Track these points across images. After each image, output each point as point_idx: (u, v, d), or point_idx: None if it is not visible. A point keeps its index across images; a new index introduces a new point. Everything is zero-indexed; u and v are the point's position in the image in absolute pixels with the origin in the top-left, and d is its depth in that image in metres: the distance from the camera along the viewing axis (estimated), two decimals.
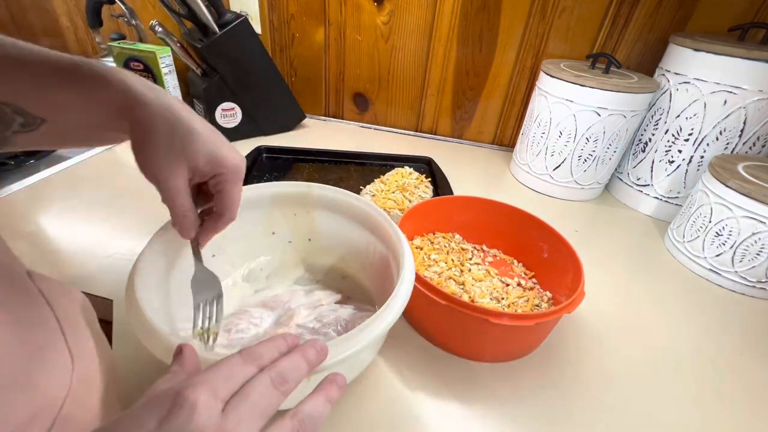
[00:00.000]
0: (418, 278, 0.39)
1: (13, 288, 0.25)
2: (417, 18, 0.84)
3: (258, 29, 0.92)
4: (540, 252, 0.52)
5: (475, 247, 0.57)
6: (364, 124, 1.01)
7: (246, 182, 0.54)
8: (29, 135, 0.29)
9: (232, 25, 0.74)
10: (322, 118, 1.02)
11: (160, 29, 0.73)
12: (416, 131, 0.99)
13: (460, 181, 0.73)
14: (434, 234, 0.58)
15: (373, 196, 0.66)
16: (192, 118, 0.29)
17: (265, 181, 0.68)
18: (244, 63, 0.80)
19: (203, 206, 0.34)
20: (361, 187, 0.69)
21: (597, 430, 0.37)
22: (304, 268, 0.49)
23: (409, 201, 0.65)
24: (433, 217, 0.56)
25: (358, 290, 0.47)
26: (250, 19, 0.77)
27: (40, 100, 0.28)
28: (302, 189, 0.46)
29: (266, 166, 0.76)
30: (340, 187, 0.46)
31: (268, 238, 0.48)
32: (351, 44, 0.90)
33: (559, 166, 0.74)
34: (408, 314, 0.46)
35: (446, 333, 0.42)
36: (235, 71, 0.79)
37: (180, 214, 0.30)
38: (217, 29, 0.74)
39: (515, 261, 0.55)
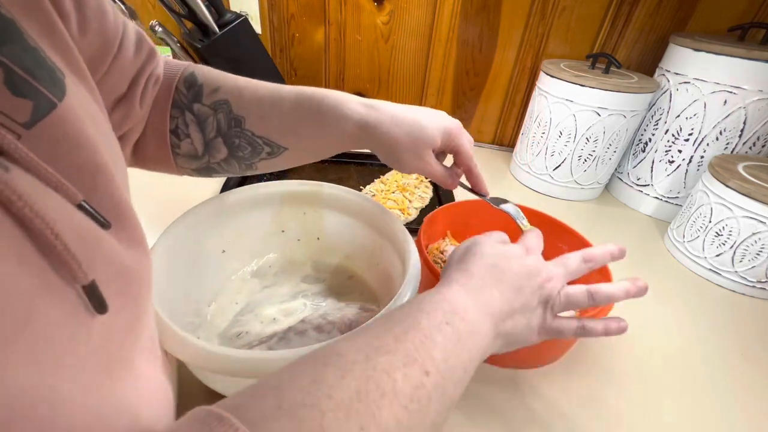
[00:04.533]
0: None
1: None
2: (417, 18, 0.84)
3: (258, 29, 0.91)
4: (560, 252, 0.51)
5: None
6: None
7: (246, 182, 0.53)
8: (271, 161, 0.35)
9: (232, 25, 0.74)
10: None
11: (160, 29, 0.73)
12: None
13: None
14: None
15: (373, 196, 0.66)
16: (414, 113, 0.33)
17: (265, 180, 0.68)
18: (245, 63, 0.79)
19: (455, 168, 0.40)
20: (361, 187, 0.69)
21: (595, 430, 0.37)
22: (311, 267, 0.50)
23: (409, 201, 0.66)
24: (459, 219, 0.54)
25: (363, 290, 0.47)
26: (250, 19, 0.77)
27: (287, 134, 0.33)
28: (313, 188, 0.47)
29: None
30: None
31: (277, 236, 0.49)
32: (351, 44, 0.90)
33: (559, 166, 0.74)
34: None
35: None
36: (235, 71, 0.79)
37: (441, 181, 0.38)
38: (217, 29, 0.74)
39: None
